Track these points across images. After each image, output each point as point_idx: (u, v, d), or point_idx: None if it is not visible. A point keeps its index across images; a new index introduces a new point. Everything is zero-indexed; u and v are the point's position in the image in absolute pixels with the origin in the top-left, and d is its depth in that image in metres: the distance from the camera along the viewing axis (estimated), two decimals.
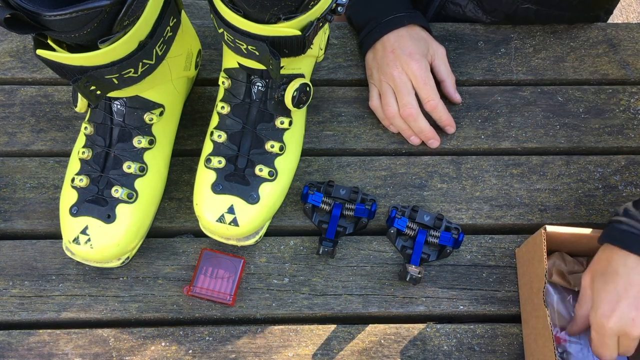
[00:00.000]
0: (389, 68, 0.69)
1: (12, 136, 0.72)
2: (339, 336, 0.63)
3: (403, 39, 0.70)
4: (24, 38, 0.77)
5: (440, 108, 0.70)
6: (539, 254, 0.59)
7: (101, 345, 0.62)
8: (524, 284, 0.64)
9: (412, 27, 0.71)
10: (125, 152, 0.61)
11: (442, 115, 0.70)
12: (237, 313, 0.64)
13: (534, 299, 0.60)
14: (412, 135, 0.72)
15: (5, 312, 0.63)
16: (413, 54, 0.69)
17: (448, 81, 0.73)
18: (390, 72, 0.69)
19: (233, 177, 0.62)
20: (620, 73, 0.78)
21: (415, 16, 0.72)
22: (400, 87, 0.69)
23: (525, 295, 0.63)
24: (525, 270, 0.63)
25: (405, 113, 0.69)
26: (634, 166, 0.72)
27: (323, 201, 0.67)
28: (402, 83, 0.69)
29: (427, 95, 0.69)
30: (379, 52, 0.71)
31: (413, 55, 0.69)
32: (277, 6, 0.52)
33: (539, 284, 0.58)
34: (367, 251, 0.67)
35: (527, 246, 0.64)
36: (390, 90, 0.70)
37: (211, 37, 0.79)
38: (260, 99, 0.62)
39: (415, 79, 0.69)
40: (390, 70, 0.69)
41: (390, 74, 0.69)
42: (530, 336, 0.61)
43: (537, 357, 0.58)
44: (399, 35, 0.70)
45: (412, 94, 0.69)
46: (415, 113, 0.69)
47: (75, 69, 0.52)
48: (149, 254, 0.66)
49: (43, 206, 0.68)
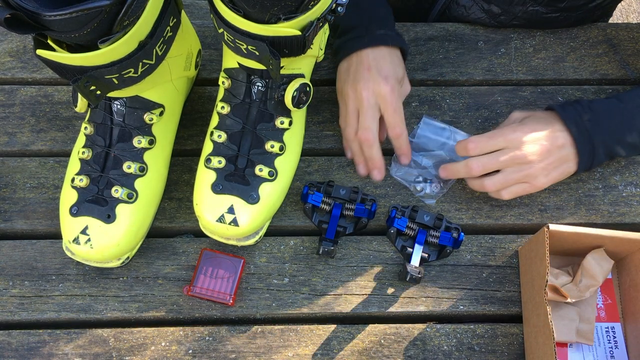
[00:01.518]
0: (360, 86, 0.66)
1: (12, 136, 0.72)
2: (339, 336, 0.63)
3: (383, 60, 0.67)
4: (24, 38, 0.77)
5: (404, 137, 0.67)
6: (541, 253, 0.59)
7: (101, 345, 0.62)
8: (526, 282, 0.64)
9: (395, 49, 0.69)
10: (125, 152, 0.61)
11: (402, 144, 0.68)
12: (237, 313, 0.64)
13: (535, 297, 0.60)
14: (361, 164, 0.69)
15: (5, 312, 0.63)
16: (388, 78, 0.65)
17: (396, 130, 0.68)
18: (360, 91, 0.66)
19: (233, 177, 0.62)
20: (620, 73, 0.78)
21: (400, 40, 0.70)
22: (366, 109, 0.66)
23: (527, 294, 0.63)
24: (527, 268, 0.63)
25: (363, 136, 0.66)
26: (634, 166, 0.72)
27: (323, 201, 0.67)
28: (369, 106, 0.66)
29: (394, 122, 0.66)
30: (354, 65, 0.67)
31: (388, 80, 0.65)
32: (277, 6, 0.52)
33: (541, 282, 0.58)
34: (367, 251, 0.67)
35: (529, 245, 0.64)
36: (355, 110, 0.67)
37: (211, 37, 0.79)
38: (260, 99, 0.62)
39: (385, 104, 0.65)
40: (360, 89, 0.66)
41: (360, 93, 0.66)
42: (531, 334, 0.61)
43: (537, 355, 0.58)
44: (380, 53, 0.67)
45: (376, 119, 0.66)
46: (372, 139, 0.66)
47: (75, 69, 0.52)
48: (149, 254, 0.66)
49: (43, 206, 0.68)
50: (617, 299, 0.65)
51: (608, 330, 0.64)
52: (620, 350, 0.63)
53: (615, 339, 0.63)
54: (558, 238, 0.60)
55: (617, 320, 0.64)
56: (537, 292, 0.59)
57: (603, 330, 0.64)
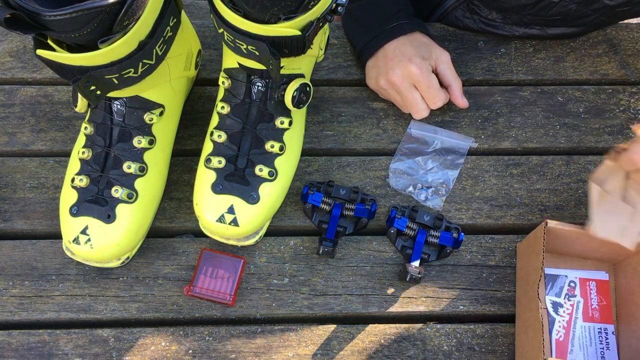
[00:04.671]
0: (389, 76, 0.69)
1: (12, 136, 0.72)
2: (339, 336, 0.63)
3: (403, 46, 0.70)
4: (24, 38, 0.77)
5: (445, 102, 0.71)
6: (537, 247, 0.59)
7: (101, 345, 0.62)
8: (521, 277, 0.64)
9: (414, 34, 0.71)
10: (125, 152, 0.61)
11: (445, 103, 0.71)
12: (237, 313, 0.64)
13: (529, 291, 0.60)
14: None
15: (5, 312, 0.63)
16: (412, 58, 0.68)
17: (454, 85, 0.71)
18: (393, 81, 0.69)
19: (233, 177, 0.62)
20: (620, 73, 0.78)
21: (417, 24, 0.72)
22: (406, 93, 0.69)
23: (522, 289, 0.63)
24: (523, 264, 0.64)
25: (417, 114, 0.71)
26: None
27: (323, 201, 0.67)
28: (406, 89, 0.69)
29: (431, 97, 0.69)
30: (380, 59, 0.71)
31: (412, 59, 0.68)
32: (277, 6, 0.52)
33: (535, 276, 0.58)
34: (367, 251, 0.67)
35: (527, 240, 0.64)
36: (401, 97, 0.70)
37: (211, 37, 0.79)
38: (260, 99, 0.62)
39: (417, 82, 0.69)
40: (391, 78, 0.69)
41: (393, 83, 0.69)
42: (522, 329, 0.61)
43: (526, 349, 0.59)
44: (400, 43, 0.70)
45: (419, 96, 0.70)
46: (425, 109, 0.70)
47: (75, 69, 0.52)
48: (149, 254, 0.66)
49: (43, 206, 0.68)
50: (612, 301, 0.65)
51: (601, 331, 0.64)
52: (611, 352, 0.63)
53: (607, 340, 0.63)
54: (556, 236, 0.60)
55: (610, 322, 0.64)
56: (531, 286, 0.59)
57: (596, 330, 0.64)
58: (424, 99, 0.70)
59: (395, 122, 0.74)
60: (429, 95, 0.69)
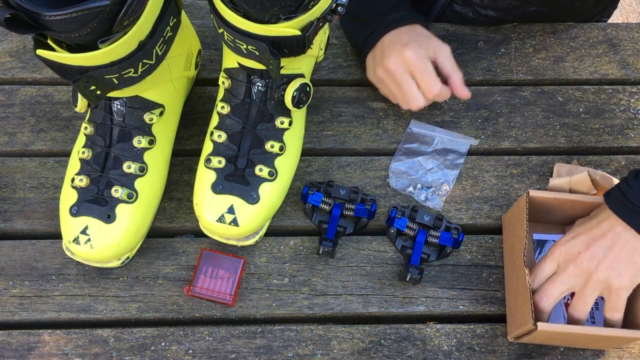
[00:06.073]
0: (385, 63, 0.68)
1: (12, 136, 0.72)
2: (339, 336, 0.63)
3: (400, 35, 0.69)
4: (24, 38, 0.77)
5: (443, 94, 0.68)
6: (521, 217, 0.61)
7: (101, 345, 0.62)
8: (507, 248, 0.66)
9: (413, 26, 0.71)
10: (125, 152, 0.61)
11: (443, 98, 0.69)
12: (237, 313, 0.64)
13: (515, 260, 0.62)
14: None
15: (5, 312, 0.63)
16: (409, 44, 0.67)
17: (454, 76, 0.69)
18: (388, 66, 0.68)
19: (233, 177, 0.62)
20: (620, 73, 0.78)
21: (416, 16, 0.72)
22: (400, 78, 0.68)
23: (508, 259, 0.65)
24: (509, 234, 0.65)
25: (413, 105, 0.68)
26: (634, 166, 0.72)
27: (323, 201, 0.67)
28: (401, 74, 0.67)
29: (426, 83, 0.67)
30: (378, 50, 0.71)
31: (409, 45, 0.67)
32: (277, 6, 0.52)
33: (520, 245, 0.60)
34: (367, 251, 0.67)
35: (512, 211, 0.65)
36: (394, 85, 0.69)
37: (211, 37, 0.79)
38: (260, 99, 0.62)
39: (412, 68, 0.67)
40: (387, 64, 0.68)
41: (388, 68, 0.68)
42: (512, 298, 0.62)
43: (516, 316, 0.60)
44: (398, 32, 0.70)
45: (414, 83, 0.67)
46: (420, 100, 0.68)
47: (75, 69, 0.52)
48: (149, 254, 0.66)
49: (43, 206, 0.68)
50: None
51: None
52: (599, 312, 0.64)
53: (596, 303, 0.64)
54: (540, 204, 0.62)
55: None
56: (517, 255, 0.61)
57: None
58: (420, 87, 0.68)
59: (395, 122, 0.74)
60: (424, 81, 0.67)
